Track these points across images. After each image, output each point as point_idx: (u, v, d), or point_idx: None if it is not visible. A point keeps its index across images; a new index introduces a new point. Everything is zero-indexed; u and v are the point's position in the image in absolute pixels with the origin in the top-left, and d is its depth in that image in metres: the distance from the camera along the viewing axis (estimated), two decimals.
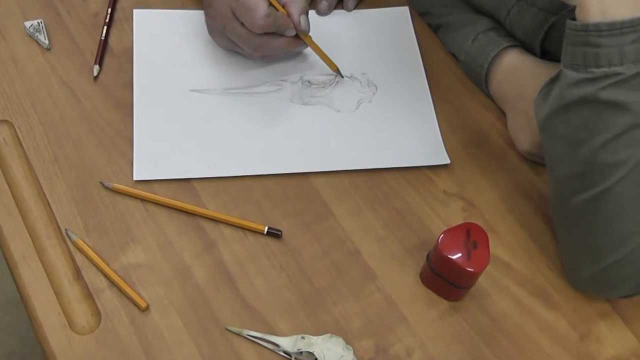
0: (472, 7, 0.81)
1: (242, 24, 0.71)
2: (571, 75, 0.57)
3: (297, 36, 0.74)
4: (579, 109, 0.57)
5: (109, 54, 0.77)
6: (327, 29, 0.82)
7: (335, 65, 0.77)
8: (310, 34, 0.75)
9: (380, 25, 0.83)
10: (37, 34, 0.77)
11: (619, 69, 0.55)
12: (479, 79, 0.77)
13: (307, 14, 0.73)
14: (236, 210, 0.68)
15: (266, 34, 0.72)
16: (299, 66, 0.78)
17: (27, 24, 0.77)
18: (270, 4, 0.70)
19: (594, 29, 0.55)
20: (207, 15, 0.74)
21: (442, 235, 0.60)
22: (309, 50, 0.77)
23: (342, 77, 0.77)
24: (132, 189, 0.68)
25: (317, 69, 0.78)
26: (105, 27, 0.78)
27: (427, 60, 0.80)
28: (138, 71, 0.76)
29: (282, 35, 0.73)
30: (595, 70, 0.56)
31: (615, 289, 0.63)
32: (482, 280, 0.65)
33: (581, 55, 0.56)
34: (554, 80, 0.60)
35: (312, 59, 0.78)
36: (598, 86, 0.56)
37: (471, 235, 0.60)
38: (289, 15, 0.71)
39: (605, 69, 0.55)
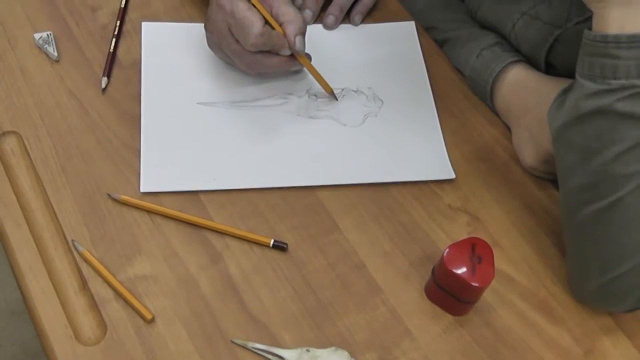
0: (477, 22, 0.82)
1: (237, 41, 0.71)
2: (588, 85, 0.57)
3: (292, 55, 0.74)
4: (595, 119, 0.57)
5: (117, 66, 0.78)
6: (334, 42, 0.82)
7: (329, 88, 0.77)
8: (311, 51, 0.75)
9: (386, 39, 0.83)
10: (46, 45, 0.77)
11: (636, 82, 0.55)
12: (484, 94, 0.77)
13: (304, 34, 0.73)
14: (242, 222, 0.69)
15: (261, 52, 0.72)
16: (305, 80, 0.78)
17: (37, 35, 0.78)
18: (267, 23, 0.71)
19: (613, 41, 0.55)
20: (205, 28, 0.75)
21: (447, 250, 0.61)
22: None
23: (337, 99, 0.77)
24: (139, 201, 0.68)
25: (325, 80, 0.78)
26: (114, 40, 0.79)
27: (433, 74, 0.81)
28: (146, 83, 0.76)
29: (277, 54, 0.73)
30: (612, 82, 0.56)
31: (620, 302, 0.63)
32: (486, 294, 0.66)
33: (599, 66, 0.56)
34: (567, 90, 0.60)
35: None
36: (615, 97, 0.55)
37: (476, 250, 0.61)
38: (284, 34, 0.72)
39: (623, 81, 0.55)
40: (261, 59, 0.73)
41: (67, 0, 0.82)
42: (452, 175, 0.73)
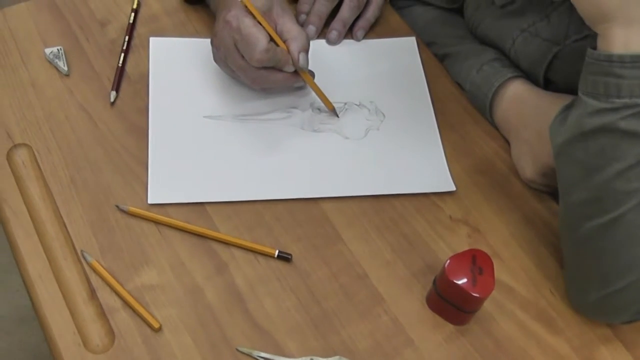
0: (478, 38, 0.84)
1: (243, 56, 0.73)
2: (591, 103, 0.58)
3: (296, 72, 0.75)
4: (598, 136, 0.58)
5: (126, 80, 0.79)
6: (337, 57, 0.84)
7: (331, 105, 0.78)
8: (315, 66, 0.76)
9: (388, 54, 0.85)
10: (57, 60, 0.79)
11: (639, 101, 0.56)
12: (484, 108, 0.79)
13: (307, 51, 0.74)
14: (247, 233, 0.70)
15: (265, 68, 0.73)
16: (309, 94, 0.80)
17: (47, 50, 0.80)
18: (272, 39, 0.73)
19: (617, 60, 0.56)
20: (212, 43, 0.76)
21: (448, 261, 0.62)
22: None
23: (337, 116, 0.79)
24: (147, 212, 0.70)
25: (326, 96, 0.79)
26: (123, 54, 0.80)
27: (434, 89, 0.82)
28: (153, 97, 0.78)
29: (280, 70, 0.74)
30: (616, 100, 0.56)
31: (619, 314, 0.64)
32: (486, 304, 0.67)
33: (603, 85, 0.57)
34: (569, 106, 0.61)
35: (322, 88, 0.79)
36: (618, 116, 0.56)
37: (477, 261, 0.62)
38: (288, 51, 0.73)
39: (626, 100, 0.56)
40: (265, 74, 0.74)
41: (77, 15, 0.84)
42: (453, 188, 0.74)
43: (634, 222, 0.58)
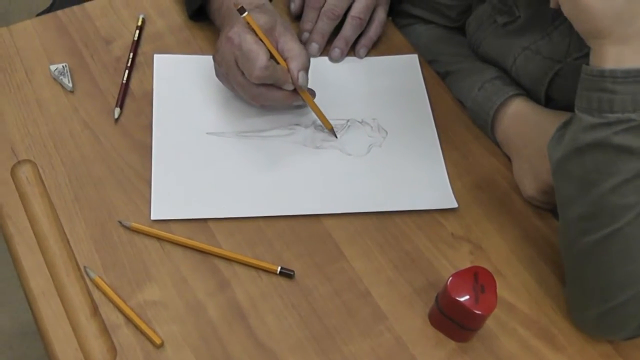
0: (479, 57, 0.84)
1: (243, 73, 0.73)
2: (585, 119, 0.59)
3: (295, 91, 0.75)
4: (592, 152, 0.58)
5: (130, 97, 0.80)
6: (340, 75, 0.85)
7: (330, 124, 0.79)
8: (317, 83, 0.77)
9: (390, 72, 0.86)
10: (62, 77, 0.80)
11: (632, 116, 0.56)
12: (485, 125, 0.79)
13: (307, 70, 0.75)
14: (250, 250, 0.70)
15: (264, 85, 0.74)
16: (311, 111, 0.80)
17: (52, 67, 0.80)
18: (272, 57, 0.73)
19: (609, 75, 0.57)
20: (214, 59, 0.77)
21: (451, 279, 0.62)
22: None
23: (336, 137, 0.79)
24: (150, 229, 0.70)
25: (329, 113, 0.79)
26: (127, 71, 0.81)
27: (436, 106, 0.83)
28: (157, 114, 0.78)
29: (280, 88, 0.75)
30: (609, 115, 0.57)
31: (619, 330, 0.64)
32: (488, 321, 0.66)
33: (596, 100, 0.58)
34: (567, 123, 0.62)
35: (324, 105, 0.79)
36: (611, 131, 0.57)
37: (479, 279, 0.62)
38: (288, 69, 0.74)
39: (619, 115, 0.57)
40: (265, 92, 0.75)
41: (82, 33, 0.85)
42: (455, 205, 0.74)
43: (631, 236, 0.59)
